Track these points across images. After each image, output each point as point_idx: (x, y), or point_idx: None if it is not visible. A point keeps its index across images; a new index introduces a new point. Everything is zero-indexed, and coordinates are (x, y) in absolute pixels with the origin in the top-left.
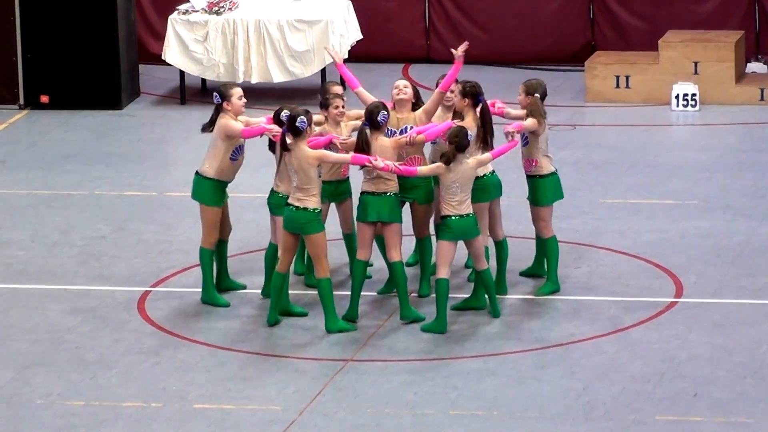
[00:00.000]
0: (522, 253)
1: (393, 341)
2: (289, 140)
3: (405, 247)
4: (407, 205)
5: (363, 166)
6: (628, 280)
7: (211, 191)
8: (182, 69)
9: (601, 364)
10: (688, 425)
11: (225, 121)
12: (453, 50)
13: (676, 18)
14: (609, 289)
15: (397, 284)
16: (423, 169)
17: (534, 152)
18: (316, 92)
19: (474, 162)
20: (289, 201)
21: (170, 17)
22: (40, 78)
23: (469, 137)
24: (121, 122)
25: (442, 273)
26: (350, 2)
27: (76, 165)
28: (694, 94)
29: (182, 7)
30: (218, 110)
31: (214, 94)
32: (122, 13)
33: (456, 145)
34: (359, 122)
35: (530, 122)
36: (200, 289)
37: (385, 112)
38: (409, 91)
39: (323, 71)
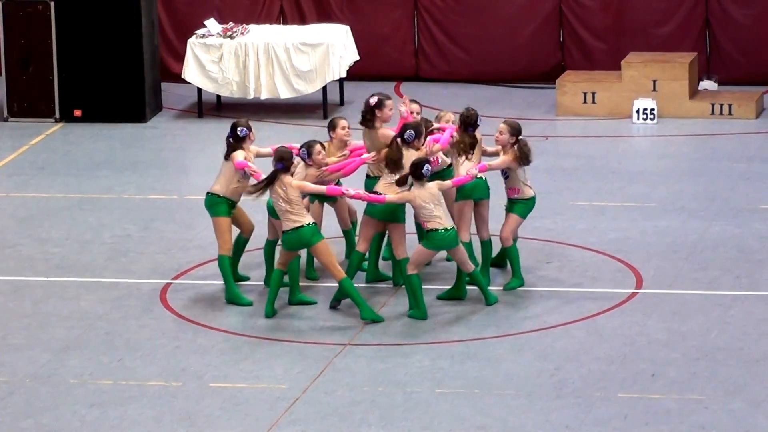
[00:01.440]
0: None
1: (386, 327)
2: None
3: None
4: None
5: (335, 198)
6: (594, 273)
7: (222, 205)
8: (200, 86)
9: (571, 347)
10: (647, 402)
11: (237, 152)
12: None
13: (636, 41)
14: (577, 281)
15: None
16: (391, 197)
17: (515, 183)
18: (318, 107)
19: (435, 185)
20: (285, 228)
21: (189, 41)
22: (73, 94)
23: (425, 170)
24: (145, 134)
25: (413, 270)
26: (348, 27)
27: (105, 171)
28: (652, 109)
29: (200, 31)
30: (235, 142)
31: (240, 128)
32: (146, 36)
33: (412, 173)
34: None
35: (502, 161)
36: (216, 282)
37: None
38: (418, 116)
39: (324, 89)
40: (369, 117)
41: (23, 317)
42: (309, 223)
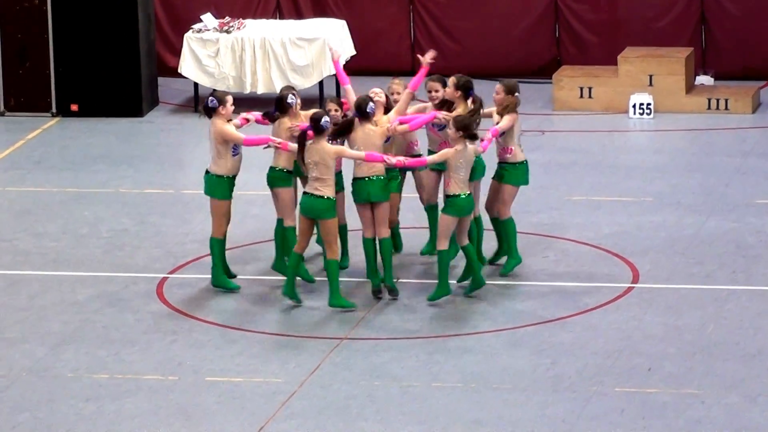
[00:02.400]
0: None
1: (383, 321)
2: (310, 138)
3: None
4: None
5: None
6: (591, 267)
7: (222, 187)
8: (196, 81)
9: (567, 341)
10: (643, 396)
11: (221, 127)
12: (420, 56)
13: (632, 36)
14: (574, 275)
15: (384, 256)
16: (432, 158)
17: (509, 141)
18: (315, 102)
19: (473, 148)
20: (307, 189)
21: (186, 35)
22: (70, 89)
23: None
24: (142, 128)
25: (444, 245)
26: (345, 22)
27: (102, 166)
28: (649, 104)
29: (196, 26)
30: (210, 112)
31: (210, 98)
32: (143, 31)
33: (468, 134)
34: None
35: (505, 122)
36: (211, 276)
37: (372, 104)
38: (383, 96)
39: (321, 83)
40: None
41: (19, 311)
42: (329, 197)
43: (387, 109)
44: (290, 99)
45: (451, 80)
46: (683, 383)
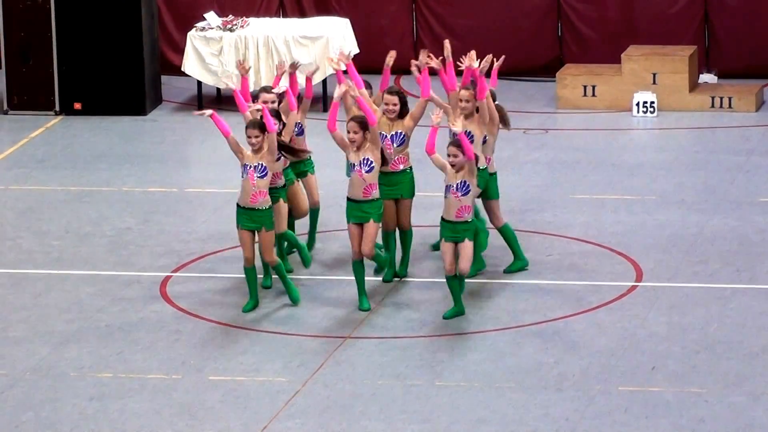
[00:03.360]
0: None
1: (386, 321)
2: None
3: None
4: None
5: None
6: (594, 266)
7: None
8: (199, 79)
9: (571, 340)
10: (647, 395)
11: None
12: (415, 62)
13: (635, 35)
14: (577, 274)
15: (360, 278)
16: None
17: (488, 151)
18: (318, 100)
19: None
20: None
21: (189, 33)
22: (73, 87)
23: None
24: (145, 126)
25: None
26: (348, 20)
27: (105, 164)
28: (652, 102)
29: (200, 24)
30: None
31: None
32: (146, 29)
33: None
34: None
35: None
36: (216, 274)
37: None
38: (398, 107)
39: (324, 81)
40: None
41: (23, 310)
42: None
43: (402, 114)
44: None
45: (468, 93)
46: (687, 382)
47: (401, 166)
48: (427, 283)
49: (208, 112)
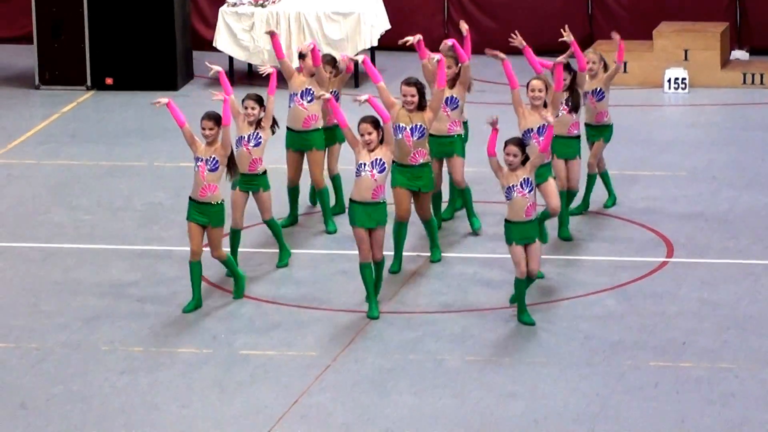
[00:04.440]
0: None
1: (416, 296)
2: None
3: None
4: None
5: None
6: (625, 241)
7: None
8: (231, 55)
9: (601, 316)
10: (677, 370)
11: None
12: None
13: (665, 12)
14: (608, 250)
15: (369, 281)
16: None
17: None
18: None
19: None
20: None
21: (221, 9)
22: (105, 63)
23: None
24: (176, 102)
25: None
26: None
27: (136, 139)
28: (684, 78)
29: (231, 0)
30: None
31: None
32: (178, 4)
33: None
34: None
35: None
36: (247, 249)
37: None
38: (416, 99)
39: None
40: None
41: (54, 284)
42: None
43: (421, 106)
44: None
45: (540, 83)
46: (717, 357)
47: (421, 159)
48: (458, 258)
49: (164, 100)
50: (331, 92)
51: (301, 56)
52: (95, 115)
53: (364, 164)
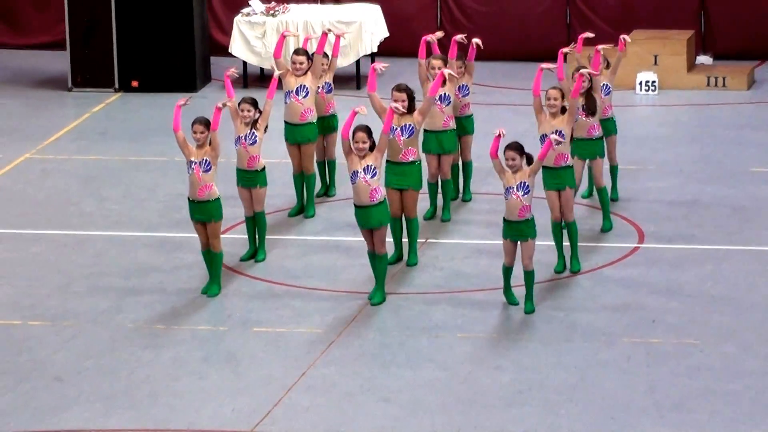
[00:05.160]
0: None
1: (412, 278)
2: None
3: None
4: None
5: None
6: (600, 230)
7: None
8: (245, 60)
9: (579, 296)
10: (648, 346)
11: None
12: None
13: (636, 20)
14: (586, 236)
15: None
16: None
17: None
18: (352, 79)
19: None
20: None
21: (235, 18)
22: (131, 67)
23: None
24: (196, 102)
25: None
26: (379, 6)
27: (160, 137)
28: (654, 81)
29: (245, 10)
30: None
31: None
32: (197, 14)
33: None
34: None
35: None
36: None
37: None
38: (406, 103)
39: (357, 62)
40: None
41: (85, 267)
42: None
43: (411, 109)
44: None
45: (556, 91)
46: (684, 334)
47: (411, 158)
48: (451, 244)
49: (182, 102)
50: (323, 85)
51: (297, 52)
52: (122, 114)
53: (357, 172)
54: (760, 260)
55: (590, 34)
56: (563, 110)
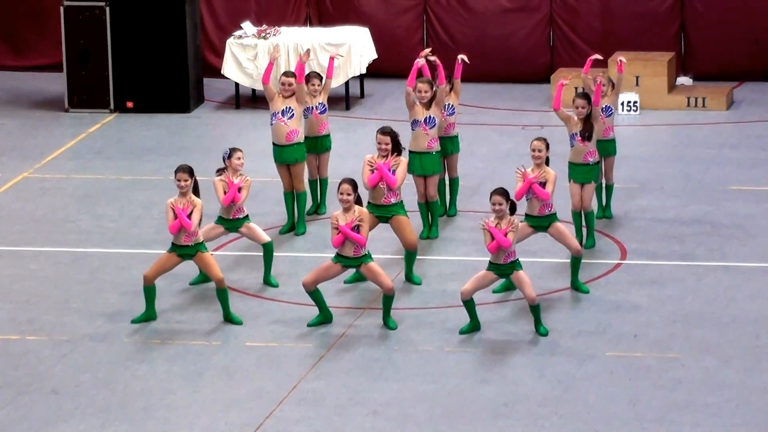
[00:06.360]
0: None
1: (400, 294)
2: None
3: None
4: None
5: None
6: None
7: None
8: (237, 81)
9: (563, 311)
10: (630, 359)
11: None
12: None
13: (618, 42)
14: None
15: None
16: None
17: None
18: (341, 100)
19: None
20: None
21: (228, 41)
22: (126, 88)
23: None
24: (189, 123)
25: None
26: (368, 29)
27: (154, 156)
28: (635, 102)
29: (237, 33)
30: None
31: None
32: (190, 36)
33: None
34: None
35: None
36: (253, 252)
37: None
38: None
39: (347, 83)
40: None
41: (82, 284)
42: None
43: (395, 149)
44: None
45: (540, 143)
46: (665, 348)
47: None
48: (437, 260)
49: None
50: (317, 105)
51: (287, 74)
52: (118, 134)
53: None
54: (739, 276)
55: (599, 56)
56: (588, 117)
